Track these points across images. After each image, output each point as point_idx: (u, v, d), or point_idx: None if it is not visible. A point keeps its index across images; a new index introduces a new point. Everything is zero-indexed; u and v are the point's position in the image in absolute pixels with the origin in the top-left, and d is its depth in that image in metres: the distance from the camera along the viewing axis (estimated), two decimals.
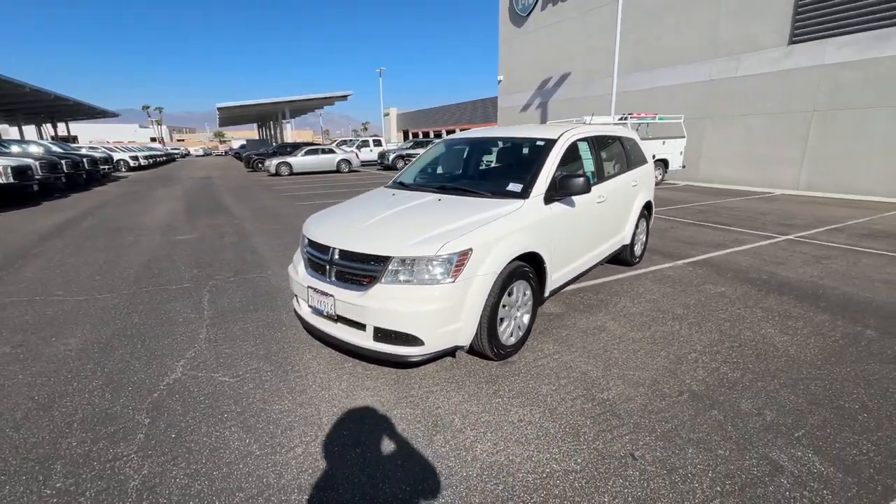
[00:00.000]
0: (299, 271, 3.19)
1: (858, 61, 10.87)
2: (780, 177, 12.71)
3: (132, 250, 6.33)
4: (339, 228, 3.11)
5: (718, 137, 14.21)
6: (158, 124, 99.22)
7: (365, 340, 2.75)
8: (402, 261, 2.63)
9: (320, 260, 3.00)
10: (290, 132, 43.30)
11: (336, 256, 2.87)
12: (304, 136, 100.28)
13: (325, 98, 40.28)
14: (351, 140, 29.25)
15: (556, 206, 3.41)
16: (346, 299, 2.74)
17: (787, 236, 6.73)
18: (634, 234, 4.89)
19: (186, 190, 15.38)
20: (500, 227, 2.91)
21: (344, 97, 39.72)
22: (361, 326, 2.79)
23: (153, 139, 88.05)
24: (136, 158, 28.39)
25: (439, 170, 4.51)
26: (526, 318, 3.19)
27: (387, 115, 54.79)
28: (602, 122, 12.82)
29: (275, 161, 21.14)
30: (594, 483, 1.96)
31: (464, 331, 2.73)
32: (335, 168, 22.29)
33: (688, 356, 3.08)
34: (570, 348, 3.22)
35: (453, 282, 2.61)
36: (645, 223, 5.31)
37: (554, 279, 3.46)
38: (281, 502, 1.89)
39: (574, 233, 3.68)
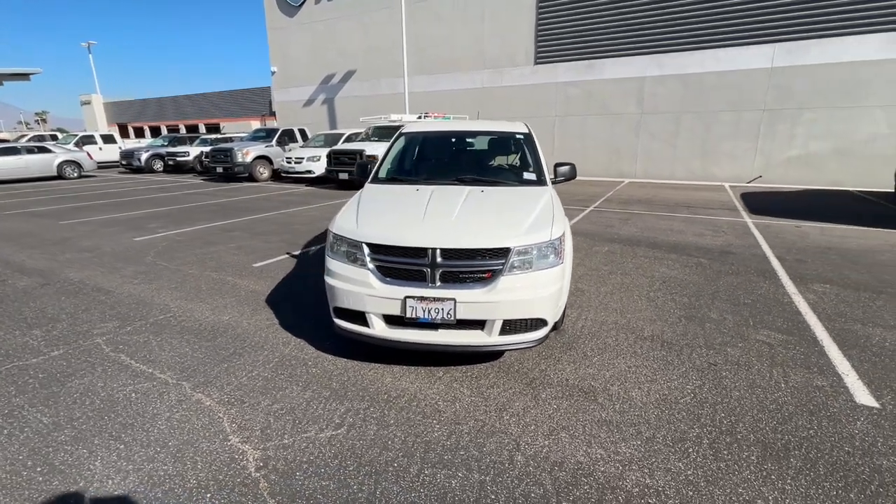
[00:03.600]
0: (374, 284, 2.71)
1: (578, 81, 15.24)
2: None
3: None
4: (412, 228, 2.80)
5: None
6: None
7: (486, 338, 2.68)
8: (522, 250, 2.67)
9: (412, 265, 2.67)
10: None
11: (440, 257, 2.62)
12: None
13: None
14: (71, 135, 21.63)
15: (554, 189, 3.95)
16: (470, 299, 2.59)
17: (590, 208, 9.18)
18: None
19: None
20: (557, 210, 3.24)
21: (23, 76, 28.62)
22: (479, 325, 2.69)
23: None
24: None
25: (433, 162, 4.35)
26: None
27: (87, 103, 41.53)
28: (408, 119, 13.83)
29: None
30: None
31: (562, 306, 3.00)
32: (56, 173, 16.23)
33: (633, 287, 4.18)
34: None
35: (562, 262, 2.83)
36: None
37: None
38: None
39: None
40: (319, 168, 13.83)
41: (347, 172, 11.92)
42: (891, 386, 2.72)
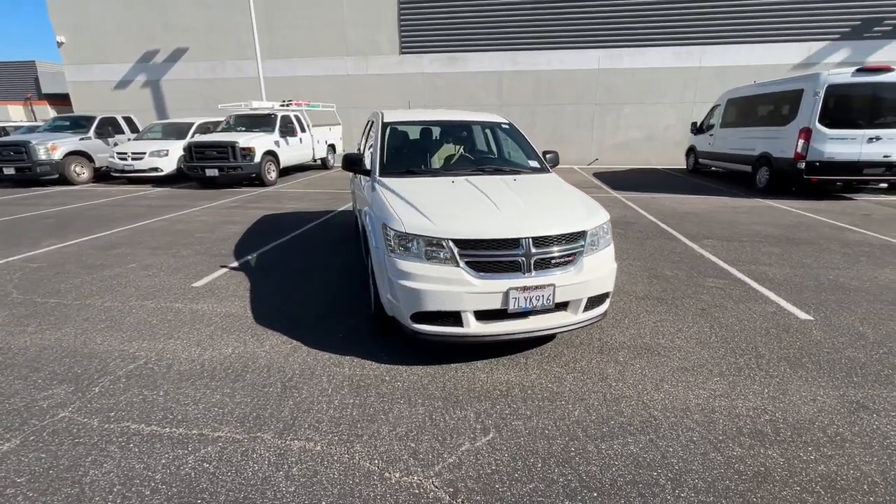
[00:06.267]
0: (471, 280, 2.59)
1: (444, 73, 15.89)
2: None
3: None
4: (494, 219, 2.76)
5: (363, 124, 16.84)
6: None
7: (572, 317, 2.85)
8: (594, 232, 2.90)
9: (508, 256, 2.64)
10: None
11: (532, 247, 2.67)
12: None
13: None
14: None
15: None
16: (566, 282, 2.72)
17: None
18: None
19: None
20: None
21: None
22: (563, 306, 2.84)
23: None
24: None
25: (437, 152, 4.09)
26: None
27: None
28: (268, 106, 12.55)
29: None
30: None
31: None
32: None
33: None
34: None
35: (611, 240, 3.15)
36: None
37: None
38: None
39: None
40: (169, 164, 11.54)
41: (218, 169, 10.23)
42: (811, 304, 3.85)
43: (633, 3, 14.37)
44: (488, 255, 2.65)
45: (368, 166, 3.81)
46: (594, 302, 2.92)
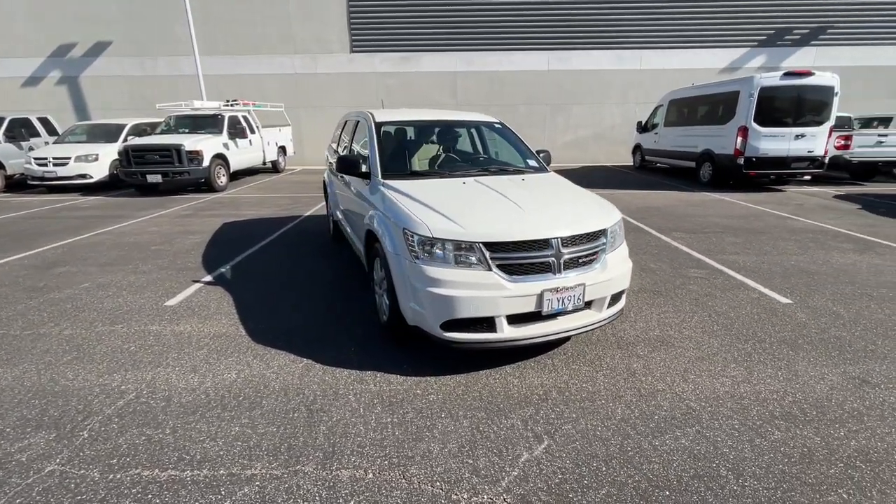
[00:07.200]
0: (505, 284, 2.51)
1: (397, 72, 15.65)
2: None
3: None
4: (521, 220, 2.70)
5: (315, 125, 16.22)
6: None
7: (597, 315, 2.86)
8: (612, 230, 2.93)
9: (539, 257, 2.59)
10: None
11: (562, 247, 2.64)
12: None
13: None
14: None
15: None
16: (594, 281, 2.72)
17: None
18: None
19: None
20: None
21: None
22: (588, 305, 2.85)
23: None
24: None
25: (440, 153, 3.92)
26: None
27: None
28: (212, 106, 11.73)
29: None
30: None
31: None
32: None
33: None
34: None
35: (623, 237, 3.20)
36: None
37: None
38: None
39: None
40: (100, 170, 10.43)
41: (161, 174, 9.36)
42: (785, 288, 4.16)
43: (580, 7, 14.97)
44: (520, 258, 2.59)
45: (365, 169, 3.62)
46: (615, 298, 2.95)
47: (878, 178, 11.34)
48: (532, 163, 4.02)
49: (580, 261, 2.74)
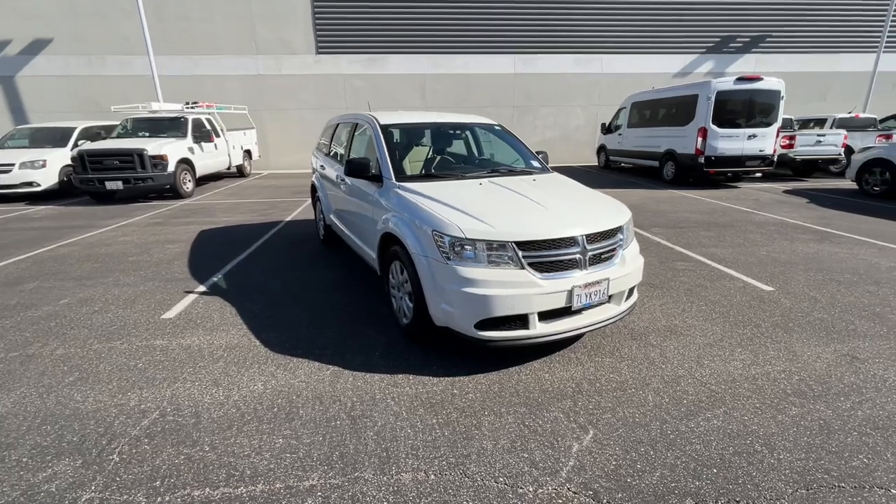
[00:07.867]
0: (539, 282, 2.58)
1: (364, 74, 15.48)
2: None
3: None
4: (548, 219, 2.78)
5: (279, 128, 15.74)
6: None
7: (617, 308, 2.99)
8: (626, 227, 3.07)
9: (567, 254, 2.69)
10: None
11: (587, 243, 2.74)
12: None
13: None
14: None
15: None
16: (616, 275, 2.84)
17: None
18: None
19: None
20: None
21: None
22: (609, 299, 2.97)
23: None
24: None
25: (449, 155, 3.92)
26: None
27: None
28: (173, 108, 11.18)
29: None
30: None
31: None
32: None
33: None
34: None
35: (633, 233, 3.36)
36: None
37: None
38: None
39: None
40: (49, 178, 9.69)
41: (122, 181, 8.79)
42: (764, 277, 4.49)
43: (543, 11, 15.41)
44: (550, 255, 2.67)
45: (375, 172, 3.59)
46: (630, 292, 3.10)
47: (816, 174, 12.41)
48: (535, 164, 4.13)
49: (602, 257, 2.86)
